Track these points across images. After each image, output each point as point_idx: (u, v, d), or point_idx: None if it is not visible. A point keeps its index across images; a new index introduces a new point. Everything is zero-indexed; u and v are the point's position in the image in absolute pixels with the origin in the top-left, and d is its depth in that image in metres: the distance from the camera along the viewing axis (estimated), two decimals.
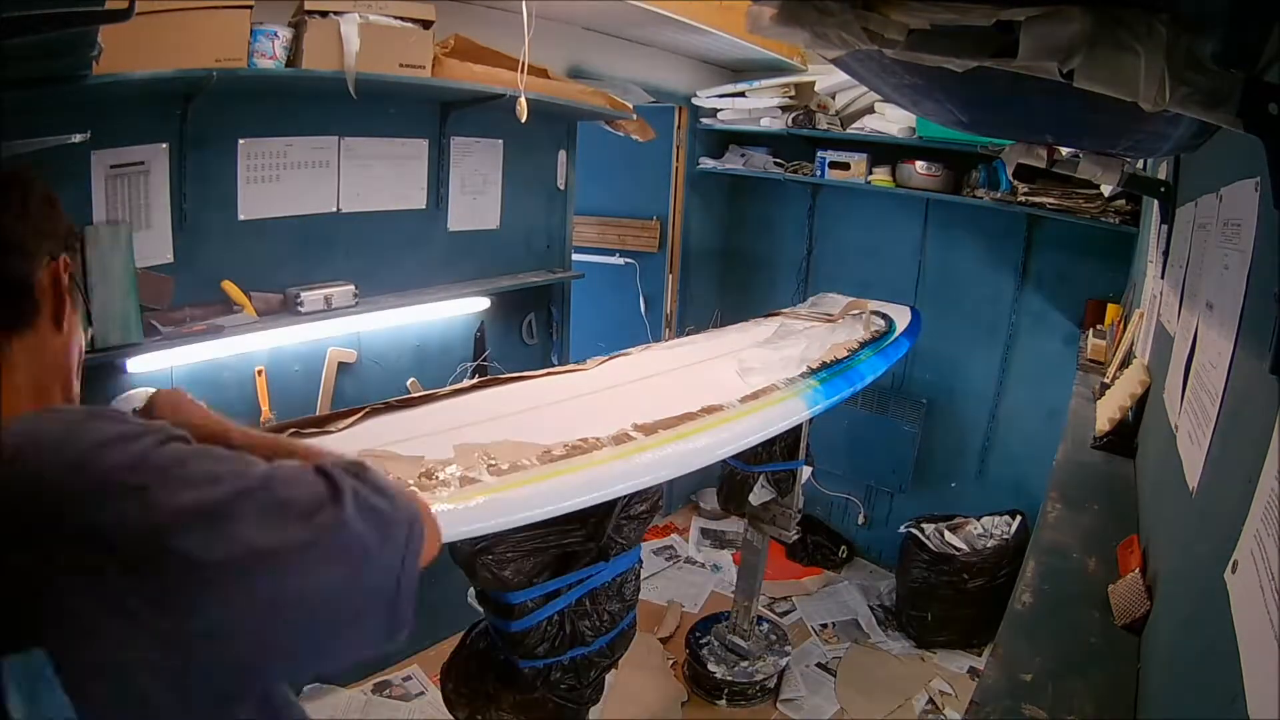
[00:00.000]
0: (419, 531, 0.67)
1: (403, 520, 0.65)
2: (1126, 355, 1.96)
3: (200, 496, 0.54)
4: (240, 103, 2.01)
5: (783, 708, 2.75)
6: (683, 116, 3.69)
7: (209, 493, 0.55)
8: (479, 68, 2.29)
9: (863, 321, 2.42)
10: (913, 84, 1.00)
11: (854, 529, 3.79)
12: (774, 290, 3.88)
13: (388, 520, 0.63)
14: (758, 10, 0.78)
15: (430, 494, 1.16)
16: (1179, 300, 1.26)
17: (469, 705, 1.58)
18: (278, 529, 0.56)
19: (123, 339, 1.78)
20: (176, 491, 0.54)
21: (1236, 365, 0.79)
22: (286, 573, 0.56)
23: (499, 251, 2.88)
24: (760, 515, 2.61)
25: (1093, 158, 1.55)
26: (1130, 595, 1.03)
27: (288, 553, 0.56)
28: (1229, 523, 0.64)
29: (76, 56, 1.29)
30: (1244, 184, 0.85)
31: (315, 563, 0.57)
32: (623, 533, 1.58)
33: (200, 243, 2.02)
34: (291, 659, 0.61)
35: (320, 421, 1.44)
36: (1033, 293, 3.17)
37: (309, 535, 0.57)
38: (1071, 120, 1.14)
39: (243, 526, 0.55)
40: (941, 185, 3.16)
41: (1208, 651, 0.65)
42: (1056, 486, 1.46)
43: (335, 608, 0.60)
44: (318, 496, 0.60)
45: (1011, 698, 0.88)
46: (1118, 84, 0.64)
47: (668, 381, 1.87)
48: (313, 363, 2.36)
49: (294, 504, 0.58)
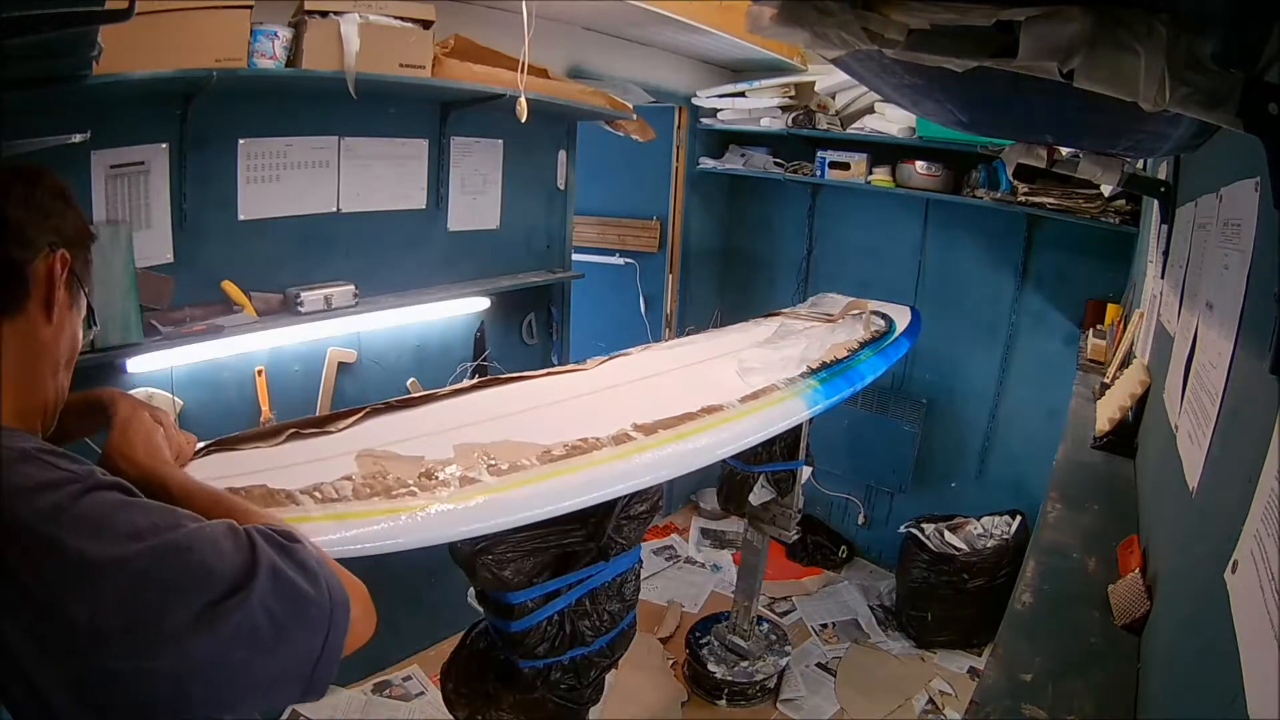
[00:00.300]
0: (342, 614, 0.65)
1: (324, 603, 0.64)
2: (1126, 355, 1.96)
3: (111, 552, 0.54)
4: (240, 103, 2.01)
5: (783, 708, 2.75)
6: (683, 116, 3.69)
7: (123, 549, 0.55)
8: (479, 68, 2.29)
9: (863, 321, 2.42)
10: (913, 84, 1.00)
11: (854, 529, 3.79)
12: (774, 290, 3.89)
13: (306, 600, 0.62)
14: (758, 10, 0.78)
15: (430, 494, 1.16)
16: (1179, 300, 1.26)
17: (469, 705, 1.57)
18: (184, 602, 0.56)
19: (123, 339, 1.78)
20: (88, 544, 0.54)
21: (1236, 365, 0.79)
22: (188, 650, 0.55)
23: (499, 251, 2.88)
24: (760, 515, 2.61)
25: (1093, 158, 1.55)
26: (1130, 595, 1.03)
27: (188, 634, 0.55)
28: (1229, 523, 0.64)
29: (76, 56, 1.29)
30: (1244, 184, 0.85)
31: (218, 641, 0.57)
32: (623, 533, 1.58)
33: (200, 243, 2.02)
34: (198, 710, 0.60)
35: (320, 422, 1.43)
36: (1033, 293, 3.17)
37: (214, 614, 0.57)
38: (1071, 120, 1.14)
39: (149, 593, 0.55)
40: (941, 185, 3.16)
41: (1208, 651, 0.65)
42: (1056, 486, 1.46)
43: (239, 679, 0.59)
44: (234, 571, 0.59)
45: (1011, 698, 0.87)
46: (1118, 84, 0.64)
47: (668, 381, 1.87)
48: (313, 363, 2.36)
49: (208, 574, 0.58)
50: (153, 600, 0.55)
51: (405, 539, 1.09)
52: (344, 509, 1.09)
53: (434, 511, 1.12)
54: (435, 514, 1.12)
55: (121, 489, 0.61)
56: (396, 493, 1.14)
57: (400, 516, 1.10)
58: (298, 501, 1.08)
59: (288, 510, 1.04)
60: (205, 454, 1.19)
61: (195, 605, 0.56)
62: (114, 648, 0.53)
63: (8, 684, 0.52)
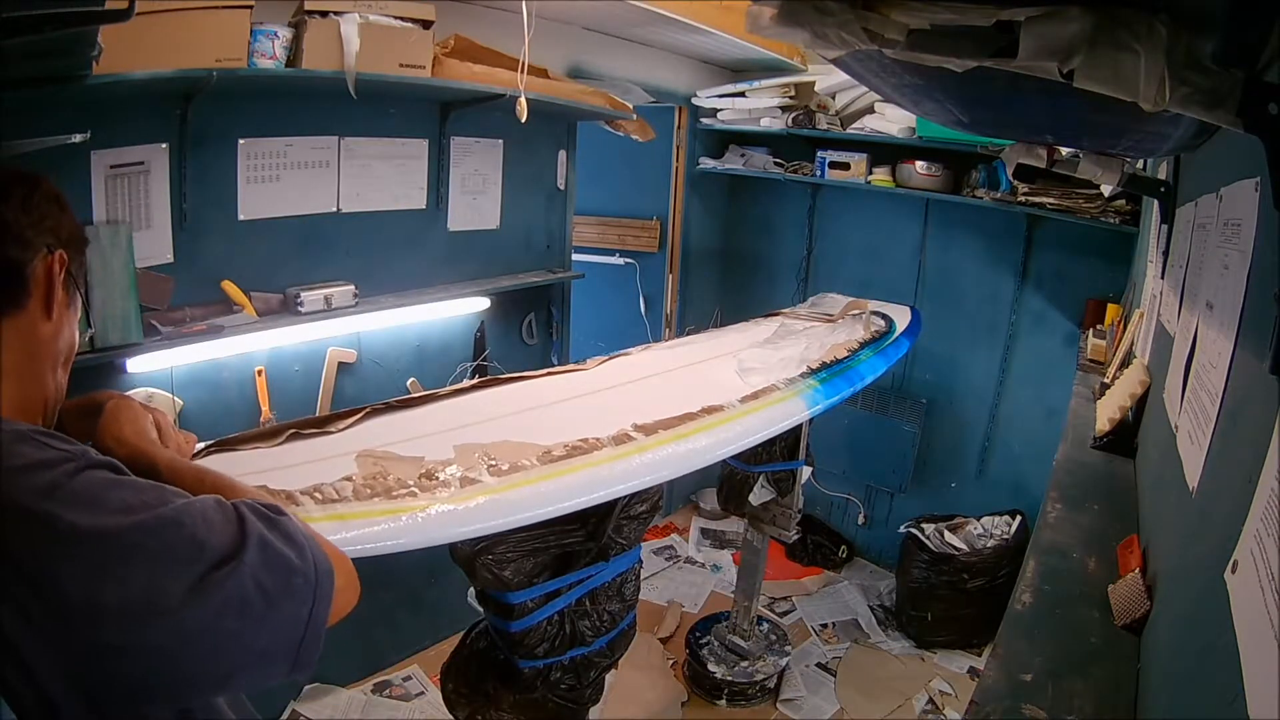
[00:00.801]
0: (327, 584, 0.67)
1: (309, 572, 0.65)
2: (1126, 355, 1.96)
3: (104, 523, 0.55)
4: (240, 103, 2.01)
5: (783, 708, 2.75)
6: (683, 116, 3.69)
7: (116, 521, 0.56)
8: (479, 68, 2.29)
9: (863, 321, 2.42)
10: (913, 84, 1.00)
11: (854, 529, 3.79)
12: (774, 290, 3.88)
13: (293, 570, 0.64)
14: (758, 10, 0.78)
15: (430, 494, 1.16)
16: (1179, 300, 1.26)
17: (469, 705, 1.57)
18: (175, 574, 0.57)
19: (123, 339, 1.78)
20: (81, 517, 0.55)
21: (1236, 365, 0.79)
22: (180, 621, 0.56)
23: (499, 251, 2.88)
24: (760, 515, 2.61)
25: (1093, 158, 1.55)
26: (1130, 595, 1.03)
27: (180, 606, 0.56)
28: (1229, 523, 0.64)
29: (76, 56, 1.29)
30: (1244, 184, 0.85)
31: (209, 612, 0.58)
32: (623, 533, 1.58)
33: (200, 243, 2.02)
34: (190, 685, 0.62)
35: (320, 422, 1.43)
36: (1033, 292, 3.17)
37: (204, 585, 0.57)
38: (1071, 120, 1.14)
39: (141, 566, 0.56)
40: (941, 185, 3.16)
41: (1208, 651, 0.65)
42: (1056, 486, 1.46)
43: (230, 650, 0.60)
44: (223, 543, 0.60)
45: (1011, 698, 0.87)
46: (1118, 84, 0.64)
47: (668, 381, 1.87)
48: (313, 363, 2.36)
49: (198, 547, 0.59)
50: (145, 573, 0.56)
51: (406, 539, 1.09)
52: (344, 509, 1.09)
53: (434, 512, 1.13)
54: (435, 514, 1.12)
55: (112, 468, 0.62)
56: (397, 493, 1.14)
57: (401, 517, 1.10)
58: (298, 502, 1.08)
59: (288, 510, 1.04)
60: (205, 454, 1.20)
61: (187, 578, 0.57)
62: (107, 622, 0.54)
63: (4, 671, 0.53)
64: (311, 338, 2.29)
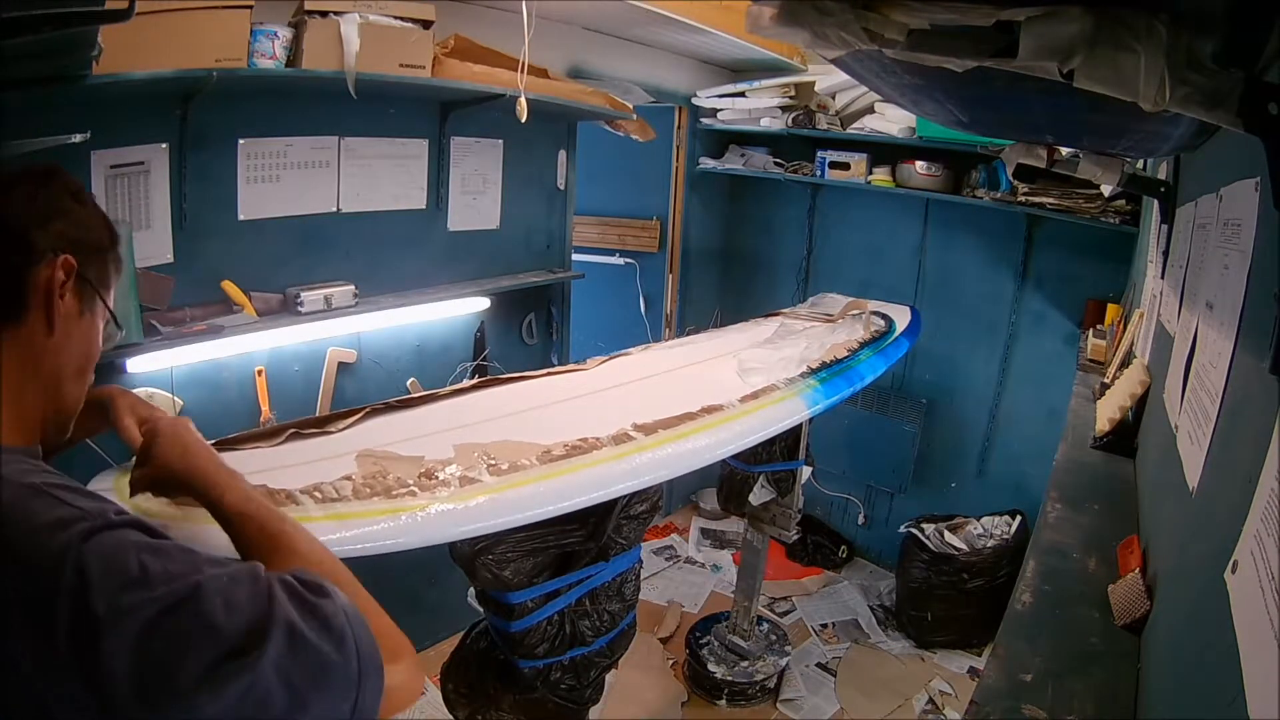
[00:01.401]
0: (375, 680, 0.60)
1: (349, 667, 0.58)
2: (1126, 355, 1.96)
3: (120, 602, 0.51)
4: (240, 103, 2.01)
5: (783, 708, 2.75)
6: (683, 116, 3.69)
7: (131, 598, 0.52)
8: (479, 68, 2.29)
9: (863, 321, 2.42)
10: (913, 84, 1.00)
11: (854, 529, 3.79)
12: (774, 290, 3.89)
13: (327, 665, 0.57)
14: (758, 10, 0.78)
15: (430, 494, 1.16)
16: (1179, 300, 1.26)
17: (469, 705, 1.57)
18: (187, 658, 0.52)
19: (123, 339, 1.77)
20: (96, 593, 0.51)
21: (1236, 365, 0.79)
22: (198, 707, 0.52)
23: (499, 251, 2.88)
24: (760, 515, 2.61)
25: (1093, 158, 1.55)
26: (1130, 595, 1.03)
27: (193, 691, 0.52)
28: (1229, 523, 0.64)
29: (76, 56, 1.29)
30: (1244, 184, 0.85)
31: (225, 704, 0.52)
32: (623, 533, 1.58)
33: (200, 243, 2.02)
34: None
35: (320, 422, 1.44)
36: (1033, 292, 3.17)
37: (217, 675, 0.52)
38: (1071, 120, 1.14)
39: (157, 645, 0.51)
40: (941, 185, 3.16)
41: (1208, 651, 0.64)
42: (1056, 486, 1.46)
43: None
44: (242, 629, 0.54)
45: (1011, 698, 0.87)
46: (1118, 84, 0.64)
47: (668, 381, 1.87)
48: (313, 363, 2.36)
49: (213, 633, 0.53)
50: (161, 653, 0.52)
51: (405, 539, 1.09)
52: (344, 509, 1.09)
53: (434, 511, 1.13)
54: (435, 514, 1.12)
55: (140, 526, 0.57)
56: (396, 493, 1.14)
57: (400, 516, 1.10)
58: (298, 501, 1.08)
59: (288, 510, 1.04)
60: None
61: (198, 664, 0.52)
62: (123, 701, 0.51)
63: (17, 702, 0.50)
64: (311, 338, 2.29)
